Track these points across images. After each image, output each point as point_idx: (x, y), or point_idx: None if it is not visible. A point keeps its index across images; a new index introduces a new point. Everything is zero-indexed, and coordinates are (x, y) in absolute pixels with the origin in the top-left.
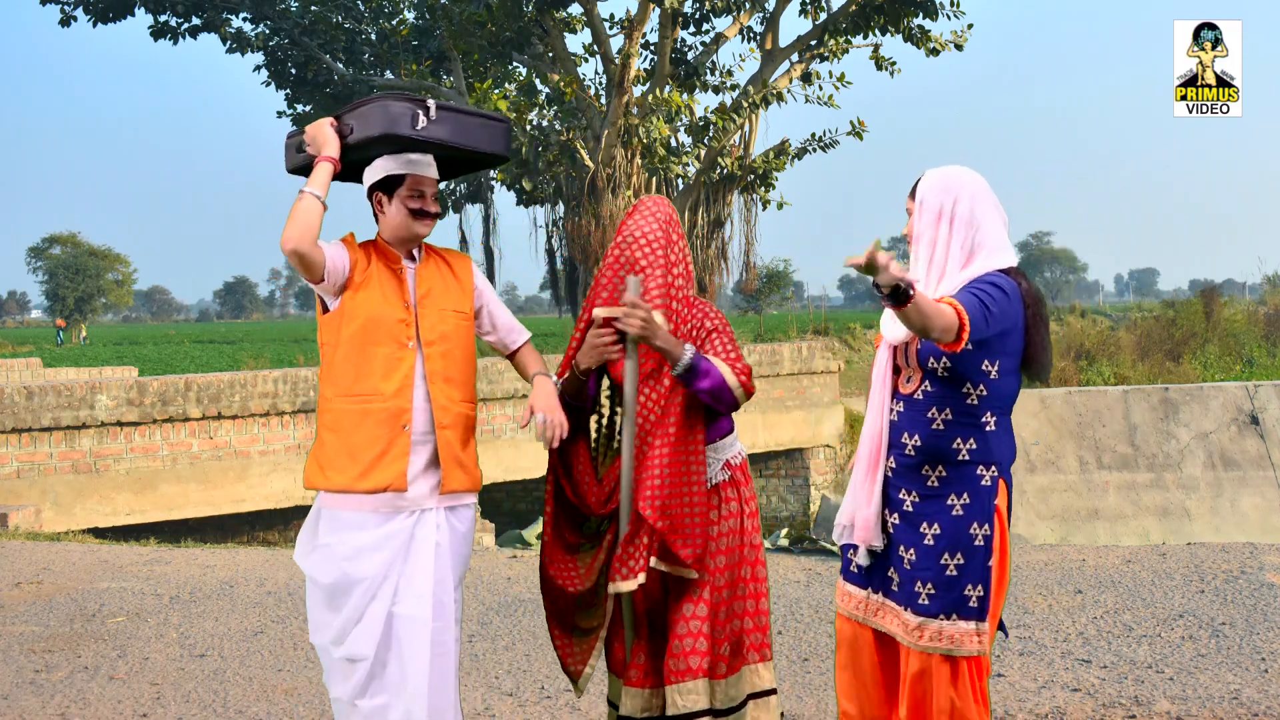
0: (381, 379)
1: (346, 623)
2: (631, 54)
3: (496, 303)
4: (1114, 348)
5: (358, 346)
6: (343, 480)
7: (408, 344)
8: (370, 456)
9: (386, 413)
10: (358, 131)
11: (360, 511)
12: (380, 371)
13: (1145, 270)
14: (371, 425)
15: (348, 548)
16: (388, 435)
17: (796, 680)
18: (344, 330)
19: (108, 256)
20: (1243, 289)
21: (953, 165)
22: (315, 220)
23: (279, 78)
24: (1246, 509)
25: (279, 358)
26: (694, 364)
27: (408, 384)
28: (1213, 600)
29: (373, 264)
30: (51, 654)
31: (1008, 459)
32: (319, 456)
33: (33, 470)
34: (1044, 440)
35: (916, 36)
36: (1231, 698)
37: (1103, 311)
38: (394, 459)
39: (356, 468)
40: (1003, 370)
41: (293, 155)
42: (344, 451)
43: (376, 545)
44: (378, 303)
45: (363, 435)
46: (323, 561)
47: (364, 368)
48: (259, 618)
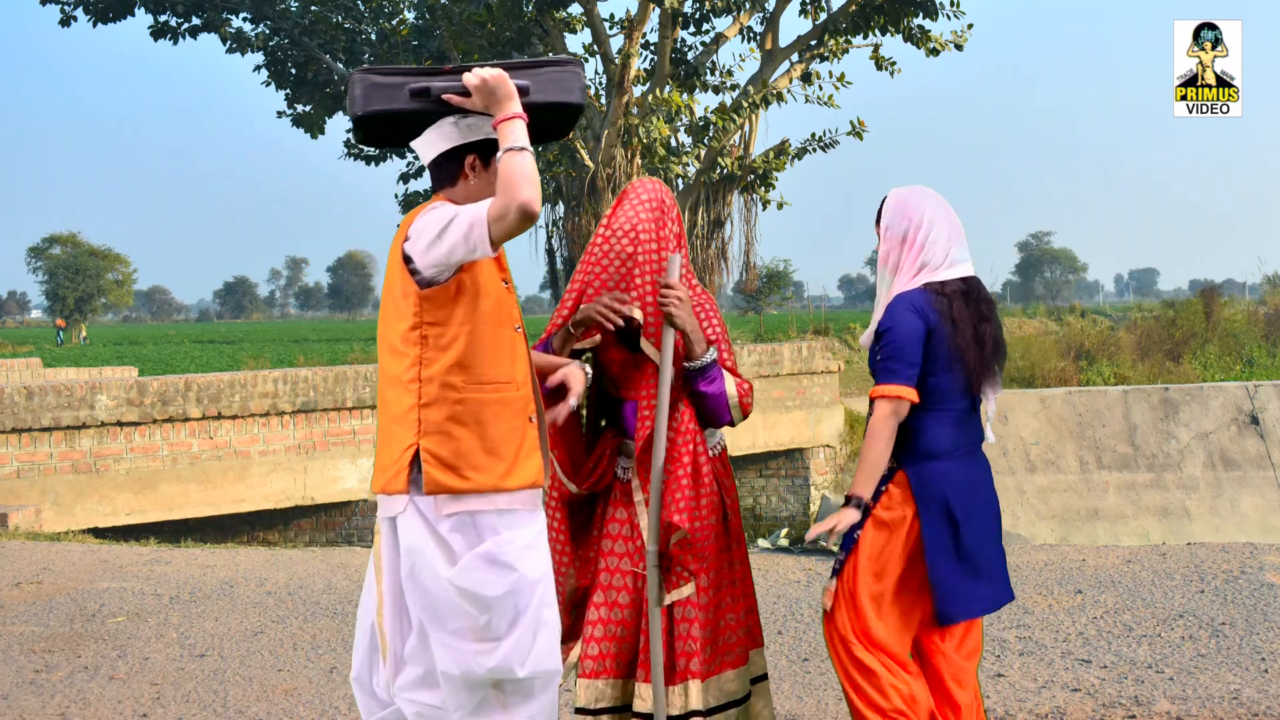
0: (511, 364)
1: (549, 634)
2: (631, 54)
3: None
4: (1114, 348)
5: (491, 327)
6: (488, 480)
7: (516, 327)
8: (511, 451)
9: (520, 402)
10: (535, 94)
11: (513, 512)
12: (510, 357)
13: (1145, 270)
14: (509, 416)
15: (514, 549)
16: (522, 427)
17: (797, 680)
18: (480, 306)
19: (108, 256)
20: (1243, 289)
21: (912, 186)
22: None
23: (279, 78)
24: (1246, 509)
25: (279, 358)
26: (711, 364)
27: (527, 372)
28: (1213, 600)
29: None
30: (51, 654)
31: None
32: (441, 455)
33: (33, 470)
34: (1044, 440)
35: (916, 36)
36: (1231, 698)
37: (1103, 311)
38: (530, 451)
39: (502, 465)
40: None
41: (402, 97)
42: (481, 448)
43: (534, 543)
44: (497, 284)
45: (502, 428)
46: (487, 573)
47: (498, 351)
48: (259, 618)
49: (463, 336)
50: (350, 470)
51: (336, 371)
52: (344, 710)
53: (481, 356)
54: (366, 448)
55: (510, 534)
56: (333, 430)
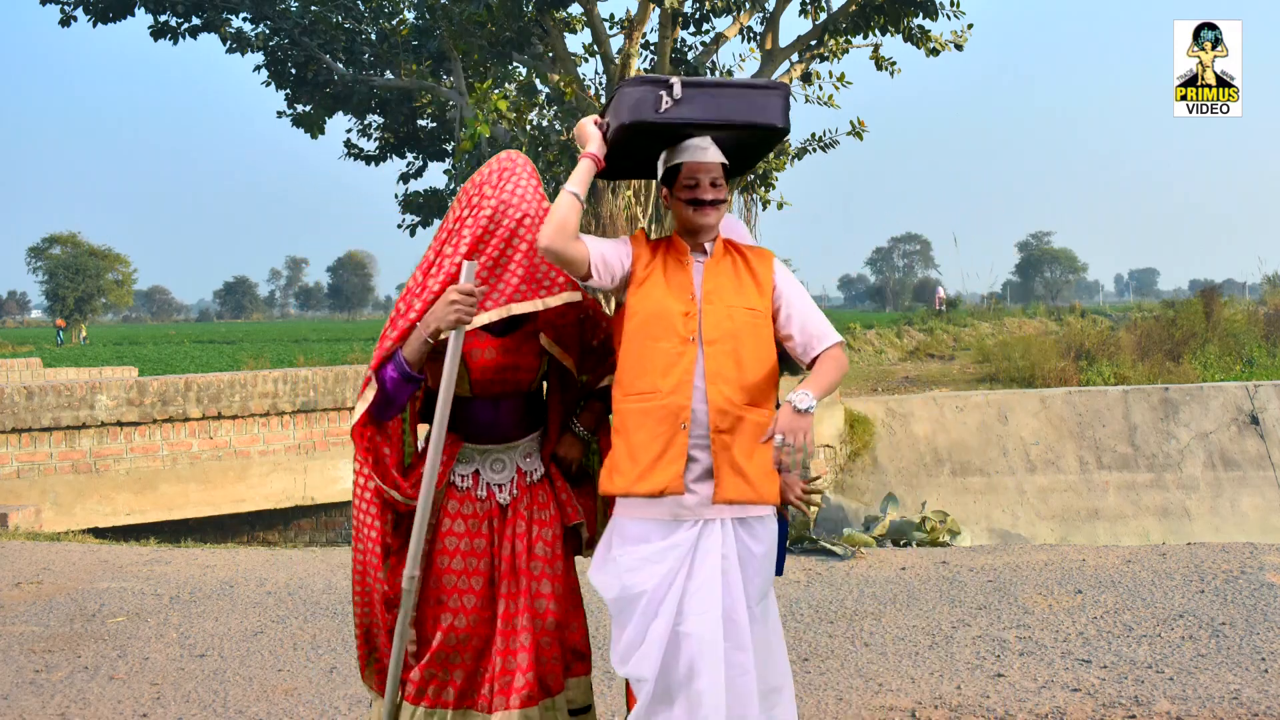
0: (660, 375)
1: (630, 642)
2: (631, 54)
3: (802, 305)
4: (1114, 348)
5: (639, 342)
6: (623, 483)
7: (690, 339)
8: (649, 457)
9: (665, 410)
10: (611, 124)
11: (645, 522)
12: (660, 368)
13: (1145, 270)
14: (651, 424)
15: (631, 559)
16: (666, 435)
17: (797, 680)
18: (628, 326)
19: (108, 256)
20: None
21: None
22: (570, 217)
23: (279, 78)
24: (1246, 509)
25: (279, 358)
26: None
27: (686, 381)
28: (1213, 600)
29: (659, 259)
30: (51, 654)
31: None
32: (608, 461)
33: (33, 470)
34: (1044, 440)
35: (916, 36)
36: (1231, 698)
37: (1103, 311)
38: (671, 460)
39: (636, 469)
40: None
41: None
42: (626, 453)
43: (657, 557)
44: (660, 297)
45: (643, 435)
46: (608, 576)
47: (645, 364)
48: (259, 618)
49: (619, 353)
50: (350, 470)
51: (336, 371)
52: (344, 710)
53: (627, 370)
54: None
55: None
56: (333, 430)
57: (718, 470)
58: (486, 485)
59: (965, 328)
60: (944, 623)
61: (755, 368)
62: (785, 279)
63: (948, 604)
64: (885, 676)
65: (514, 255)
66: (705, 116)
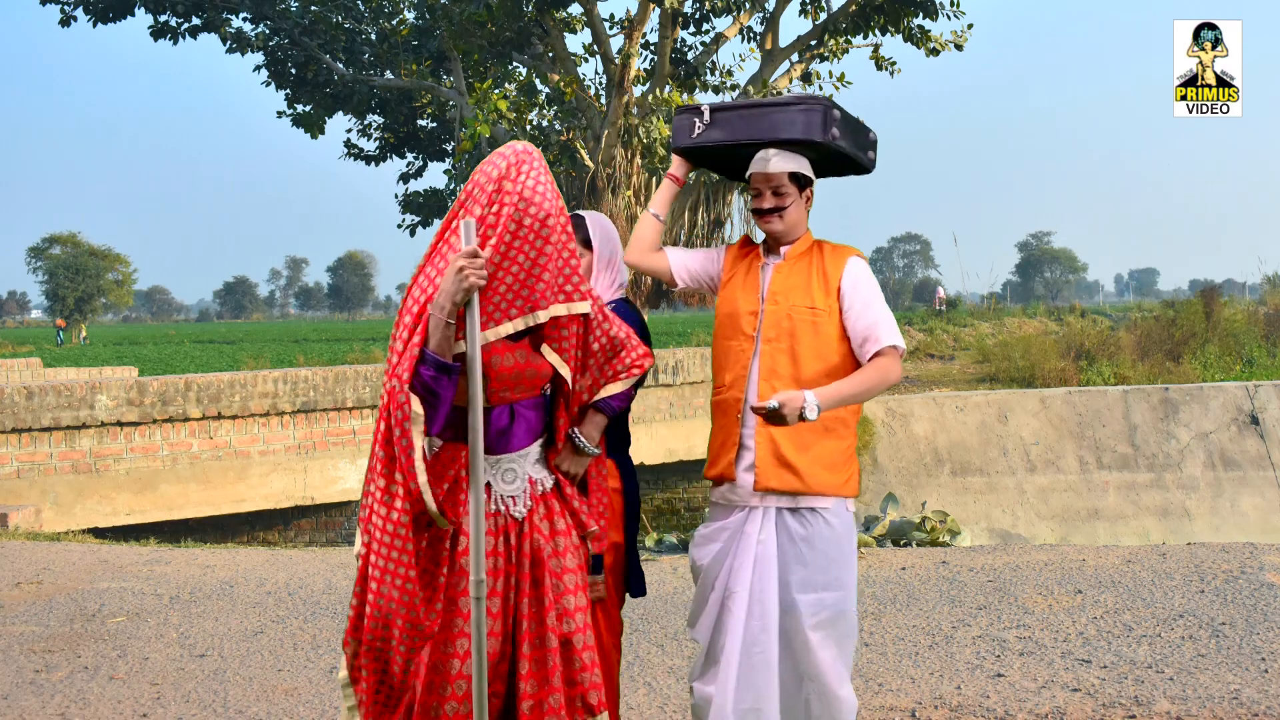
0: (727, 371)
1: (695, 608)
2: (631, 54)
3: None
4: (1114, 348)
5: (718, 341)
6: (706, 468)
7: (751, 336)
8: (716, 446)
9: (726, 403)
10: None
11: (715, 505)
12: (727, 364)
13: (1145, 270)
14: (719, 416)
15: (699, 535)
16: (727, 426)
17: None
18: (715, 326)
19: (108, 256)
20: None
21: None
22: (647, 233)
23: (279, 78)
24: (1246, 509)
25: (279, 358)
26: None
27: (742, 376)
28: (1213, 600)
29: (741, 264)
30: (51, 654)
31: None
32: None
33: (33, 470)
34: (1044, 440)
35: (916, 36)
36: (1231, 698)
37: (1103, 311)
38: (728, 449)
39: (710, 457)
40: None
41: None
42: (711, 442)
43: (714, 536)
44: (734, 299)
45: (715, 426)
46: (692, 547)
47: (720, 360)
48: (259, 618)
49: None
50: (350, 470)
51: (336, 371)
52: (344, 710)
53: (715, 366)
54: (366, 447)
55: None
56: (333, 430)
57: (760, 460)
58: (499, 498)
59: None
60: (944, 623)
61: (813, 364)
62: (854, 279)
63: (948, 604)
64: (885, 676)
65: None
66: (734, 137)
